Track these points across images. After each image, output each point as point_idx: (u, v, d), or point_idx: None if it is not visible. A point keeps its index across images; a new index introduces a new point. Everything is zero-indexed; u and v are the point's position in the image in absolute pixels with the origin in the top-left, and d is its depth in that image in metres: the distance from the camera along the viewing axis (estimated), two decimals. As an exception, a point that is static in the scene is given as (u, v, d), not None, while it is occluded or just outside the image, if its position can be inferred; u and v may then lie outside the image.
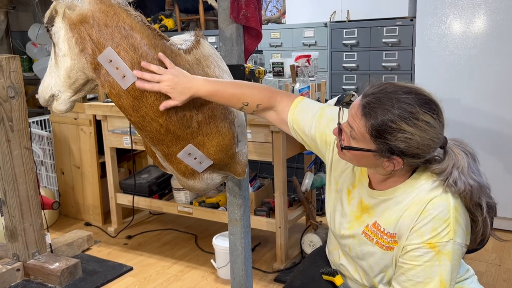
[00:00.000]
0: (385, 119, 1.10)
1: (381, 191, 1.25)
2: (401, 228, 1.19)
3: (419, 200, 1.16)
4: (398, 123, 1.09)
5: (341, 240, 1.37)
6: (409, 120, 1.09)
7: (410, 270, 1.16)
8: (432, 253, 1.13)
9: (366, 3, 3.24)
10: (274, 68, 2.79)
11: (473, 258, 2.59)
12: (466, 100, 2.93)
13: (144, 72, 1.30)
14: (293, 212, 2.65)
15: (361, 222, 1.29)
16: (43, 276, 2.46)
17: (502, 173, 2.89)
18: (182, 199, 2.88)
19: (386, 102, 1.11)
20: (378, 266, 1.27)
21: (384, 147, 1.12)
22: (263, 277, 2.51)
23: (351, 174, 1.35)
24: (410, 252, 1.16)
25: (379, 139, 1.12)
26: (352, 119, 1.17)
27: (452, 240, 1.12)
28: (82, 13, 1.30)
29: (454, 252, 1.13)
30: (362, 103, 1.14)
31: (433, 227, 1.13)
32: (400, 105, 1.10)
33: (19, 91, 2.39)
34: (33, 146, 3.38)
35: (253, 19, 1.63)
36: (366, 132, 1.13)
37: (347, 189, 1.35)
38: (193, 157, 1.50)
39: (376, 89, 1.15)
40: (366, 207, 1.29)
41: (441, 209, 1.13)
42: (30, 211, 2.49)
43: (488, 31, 2.81)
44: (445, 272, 1.13)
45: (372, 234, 1.26)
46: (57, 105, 1.47)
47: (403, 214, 1.18)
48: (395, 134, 1.10)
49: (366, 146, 1.15)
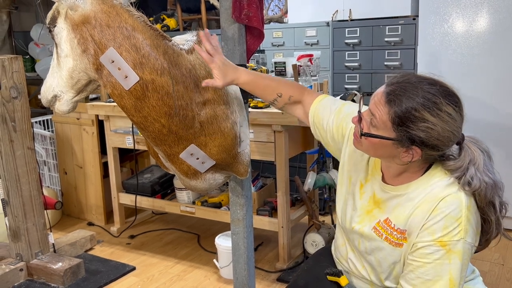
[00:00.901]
0: (408, 107, 1.11)
1: (394, 186, 1.25)
2: (411, 225, 1.19)
3: (432, 197, 1.16)
4: (421, 112, 1.10)
5: (350, 234, 1.36)
6: (432, 110, 1.10)
7: (419, 267, 1.16)
8: (443, 251, 1.13)
9: (368, 2, 3.23)
10: (276, 67, 2.79)
11: (476, 257, 2.59)
12: (469, 98, 2.90)
13: (206, 42, 1.41)
14: (296, 212, 2.65)
15: (371, 217, 1.29)
16: (46, 276, 2.46)
17: (506, 171, 2.88)
18: (184, 198, 2.88)
19: (410, 90, 1.12)
20: (386, 262, 1.27)
21: (405, 136, 1.12)
22: (266, 276, 2.51)
23: (365, 168, 1.35)
24: (420, 249, 1.16)
25: (400, 127, 1.12)
26: (374, 106, 1.17)
27: (463, 239, 1.12)
28: (84, 13, 1.30)
29: (464, 252, 1.13)
30: (387, 90, 1.15)
31: (444, 225, 1.13)
32: (424, 94, 1.11)
33: (21, 91, 2.39)
34: (36, 146, 3.38)
35: (255, 19, 1.62)
36: (388, 120, 1.14)
37: (359, 183, 1.35)
38: (196, 157, 1.50)
39: (400, 79, 1.16)
40: (378, 201, 1.29)
41: (454, 207, 1.13)
42: (33, 211, 2.50)
43: (490, 29, 2.80)
44: (454, 271, 1.13)
45: (382, 230, 1.26)
46: (59, 105, 1.47)
47: (415, 211, 1.18)
48: (418, 123, 1.10)
49: (386, 134, 1.15)
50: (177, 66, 1.38)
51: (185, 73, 1.40)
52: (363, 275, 1.36)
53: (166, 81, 1.35)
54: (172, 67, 1.37)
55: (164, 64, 1.35)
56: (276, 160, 2.44)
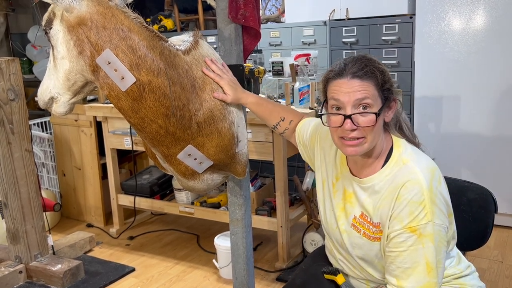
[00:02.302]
0: (377, 66, 1.20)
1: (361, 179, 1.28)
2: (381, 217, 1.22)
3: (393, 187, 1.20)
4: (382, 65, 1.22)
5: (333, 235, 1.39)
6: (381, 63, 1.24)
7: (397, 257, 1.18)
8: (414, 237, 1.15)
9: (365, 1, 3.23)
10: (274, 67, 2.79)
11: (475, 255, 2.59)
12: (466, 96, 2.92)
13: (212, 65, 1.48)
14: (295, 211, 2.65)
15: (346, 213, 1.32)
16: (45, 278, 2.46)
17: (502, 169, 2.89)
18: (183, 199, 2.88)
19: (365, 60, 1.21)
20: (368, 257, 1.29)
21: (387, 91, 1.21)
22: (265, 276, 2.52)
23: (334, 166, 1.39)
24: (393, 239, 1.18)
25: (383, 87, 1.20)
26: (355, 94, 1.17)
27: (431, 222, 1.14)
28: (80, 15, 1.30)
29: (435, 233, 1.14)
30: (350, 75, 1.18)
31: (410, 211, 1.15)
32: (369, 57, 1.23)
33: (19, 93, 2.39)
34: (34, 148, 3.38)
35: (252, 19, 1.62)
36: (376, 89, 1.19)
37: (332, 183, 1.39)
38: (193, 158, 1.50)
39: (348, 61, 1.21)
40: (349, 196, 1.32)
41: (415, 192, 1.16)
42: (32, 213, 2.50)
43: (487, 27, 2.80)
44: (429, 254, 1.14)
45: (359, 226, 1.28)
46: (56, 107, 1.47)
47: (381, 203, 1.22)
48: (386, 74, 1.21)
49: (380, 104, 1.20)
50: (174, 67, 1.38)
51: (181, 74, 1.40)
52: (357, 275, 1.37)
53: (163, 82, 1.35)
54: (169, 68, 1.37)
55: (160, 65, 1.35)
56: (274, 160, 2.44)
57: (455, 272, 1.33)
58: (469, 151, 2.95)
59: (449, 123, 2.99)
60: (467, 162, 2.97)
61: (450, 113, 2.98)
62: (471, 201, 1.54)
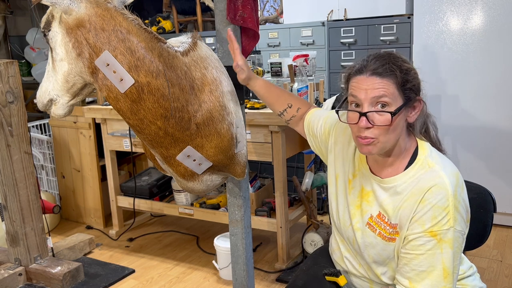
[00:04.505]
0: (400, 64, 1.17)
1: (382, 178, 1.26)
2: (401, 218, 1.20)
3: (418, 190, 1.18)
4: (407, 64, 1.19)
5: (345, 232, 1.37)
6: (406, 61, 1.21)
7: (413, 259, 1.17)
8: (434, 241, 1.14)
9: (363, 2, 3.24)
10: (272, 68, 2.79)
11: (474, 254, 2.59)
12: (465, 96, 2.93)
13: (235, 42, 1.50)
14: (294, 212, 2.65)
15: (362, 211, 1.30)
16: (45, 280, 2.46)
17: (502, 169, 2.89)
18: (183, 200, 2.88)
19: (387, 57, 1.18)
20: (381, 257, 1.27)
21: (410, 91, 1.17)
22: (265, 277, 2.52)
23: (351, 164, 1.36)
24: (411, 241, 1.17)
25: (405, 86, 1.16)
26: (373, 91, 1.15)
27: (453, 228, 1.13)
28: (78, 17, 1.30)
29: (455, 240, 1.14)
30: (370, 72, 1.16)
31: (433, 215, 1.14)
32: (393, 54, 1.20)
33: (18, 96, 2.39)
34: (33, 151, 3.38)
35: (250, 20, 1.63)
36: (396, 87, 1.16)
37: (348, 179, 1.36)
38: (192, 159, 1.50)
39: (370, 59, 1.19)
40: (366, 194, 1.30)
41: (440, 197, 1.14)
42: (31, 216, 2.50)
43: (485, 27, 2.81)
44: (447, 260, 1.14)
45: (375, 225, 1.27)
46: (55, 109, 1.47)
47: (403, 204, 1.20)
48: (410, 73, 1.18)
49: (400, 103, 1.17)
50: (173, 68, 1.38)
51: (180, 75, 1.40)
52: (361, 274, 1.36)
53: (161, 84, 1.35)
54: (168, 69, 1.37)
55: (159, 67, 1.35)
56: (273, 161, 2.44)
57: (458, 273, 1.33)
58: (468, 151, 2.96)
59: (447, 122, 2.99)
60: (466, 162, 2.98)
61: (448, 113, 2.98)
62: (470, 201, 1.54)
